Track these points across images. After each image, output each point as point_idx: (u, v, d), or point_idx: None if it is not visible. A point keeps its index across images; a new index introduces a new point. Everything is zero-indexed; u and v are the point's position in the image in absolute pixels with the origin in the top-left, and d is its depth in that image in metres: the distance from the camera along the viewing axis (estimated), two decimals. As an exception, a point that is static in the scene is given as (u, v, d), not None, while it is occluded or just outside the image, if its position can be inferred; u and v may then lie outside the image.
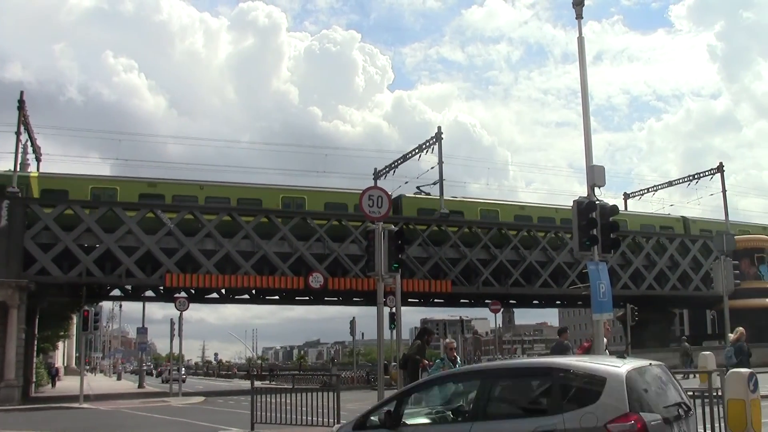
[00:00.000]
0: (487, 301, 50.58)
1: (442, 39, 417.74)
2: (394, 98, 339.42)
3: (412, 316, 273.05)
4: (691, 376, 22.93)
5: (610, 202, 17.33)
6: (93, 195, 42.05)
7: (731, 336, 19.97)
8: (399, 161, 55.46)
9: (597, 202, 16.06)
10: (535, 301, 58.66)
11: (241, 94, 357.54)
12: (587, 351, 16.40)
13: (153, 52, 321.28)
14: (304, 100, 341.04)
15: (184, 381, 51.20)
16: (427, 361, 18.93)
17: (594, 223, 15.82)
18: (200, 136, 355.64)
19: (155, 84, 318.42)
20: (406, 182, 52.93)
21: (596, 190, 16.48)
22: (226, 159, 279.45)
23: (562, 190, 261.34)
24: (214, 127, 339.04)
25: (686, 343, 30.45)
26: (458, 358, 13.92)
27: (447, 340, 14.60)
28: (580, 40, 17.29)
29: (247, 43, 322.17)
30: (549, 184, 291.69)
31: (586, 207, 15.97)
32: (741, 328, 19.90)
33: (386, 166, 56.48)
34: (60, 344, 78.45)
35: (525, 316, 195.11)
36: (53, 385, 56.79)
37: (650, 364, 8.16)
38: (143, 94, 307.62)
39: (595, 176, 16.28)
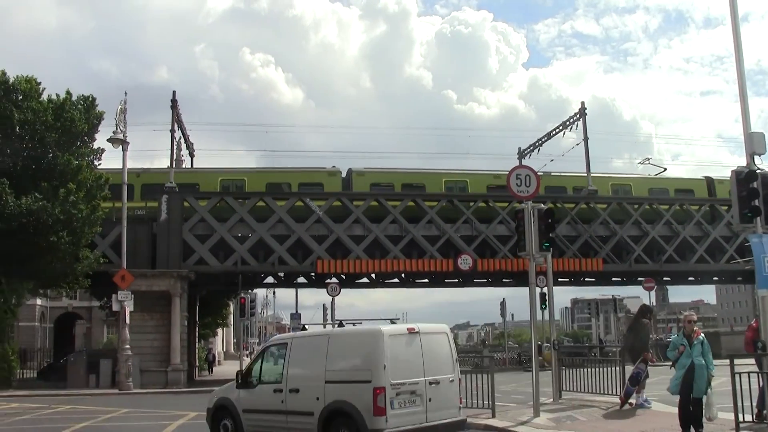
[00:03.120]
0: (639, 278, 49.27)
1: (576, 13, 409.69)
2: (530, 77, 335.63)
3: (563, 296, 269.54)
4: None
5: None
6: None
7: None
8: (543, 139, 54.87)
9: (758, 171, 15.31)
10: (690, 278, 56.66)
11: (375, 82, 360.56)
12: (755, 331, 15.55)
13: (288, 47, 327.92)
14: (437, 85, 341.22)
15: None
16: (650, 354, 18.43)
17: (755, 193, 15.10)
18: (338, 125, 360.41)
19: (292, 77, 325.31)
20: (552, 160, 52.24)
21: (756, 158, 15.68)
22: (364, 146, 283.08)
23: (711, 161, 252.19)
24: (350, 115, 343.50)
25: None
26: (703, 336, 12.93)
27: (686, 313, 13.86)
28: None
29: (379, 30, 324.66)
30: (696, 156, 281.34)
31: (746, 177, 15.27)
32: None
33: (530, 145, 56.00)
34: (219, 331, 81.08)
35: (680, 294, 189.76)
36: (210, 371, 58.37)
37: None
38: (280, 87, 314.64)
39: (755, 144, 15.50)
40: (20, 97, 33.25)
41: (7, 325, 34.16)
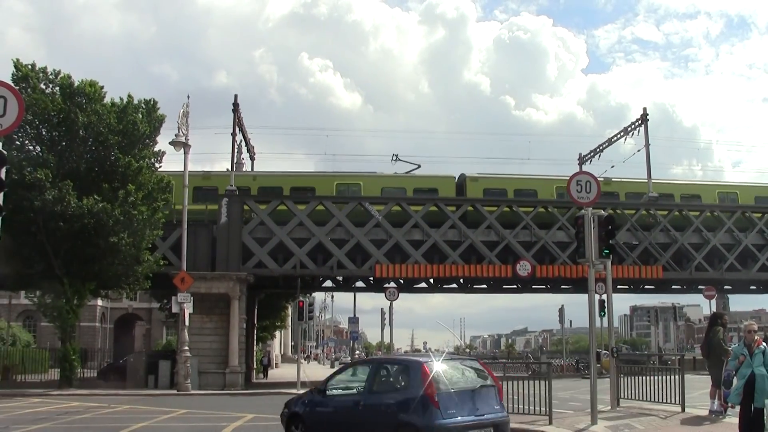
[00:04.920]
0: (700, 287, 48.40)
1: (636, 18, 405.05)
2: (589, 83, 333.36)
3: (622, 303, 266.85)
4: None
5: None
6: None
7: None
8: (604, 145, 54.48)
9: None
10: (752, 287, 55.58)
11: (434, 87, 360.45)
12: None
13: (347, 52, 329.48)
14: (495, 90, 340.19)
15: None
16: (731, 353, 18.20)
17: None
18: (396, 129, 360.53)
19: (351, 82, 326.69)
20: (612, 166, 51.73)
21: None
22: (423, 150, 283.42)
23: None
24: (409, 120, 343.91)
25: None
26: (764, 345, 12.58)
27: (747, 323, 13.60)
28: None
29: (438, 36, 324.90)
30: (758, 163, 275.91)
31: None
32: None
33: (591, 151, 55.61)
34: (277, 333, 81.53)
35: (741, 303, 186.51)
36: (265, 374, 58.34)
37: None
38: (339, 92, 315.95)
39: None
40: (84, 101, 33.82)
41: (69, 325, 34.69)
